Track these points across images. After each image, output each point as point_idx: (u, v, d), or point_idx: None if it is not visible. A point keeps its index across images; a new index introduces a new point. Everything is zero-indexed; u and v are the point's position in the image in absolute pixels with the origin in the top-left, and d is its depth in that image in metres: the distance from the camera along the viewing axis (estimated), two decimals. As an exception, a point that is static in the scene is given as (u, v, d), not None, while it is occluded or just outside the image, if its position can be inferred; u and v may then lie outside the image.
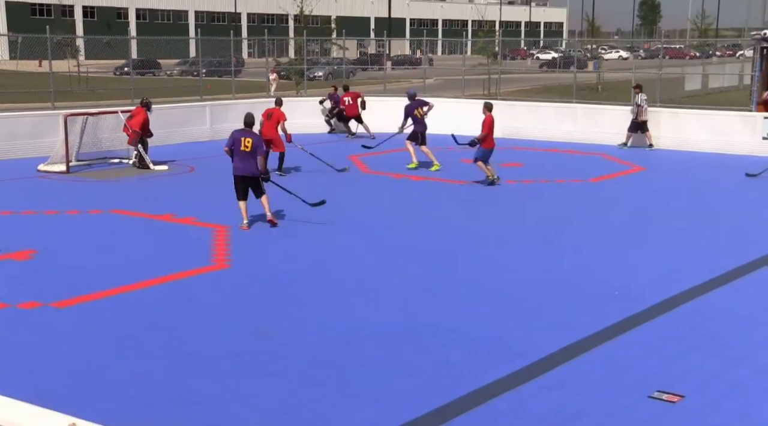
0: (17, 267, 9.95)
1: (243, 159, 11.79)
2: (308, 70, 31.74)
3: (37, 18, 69.92)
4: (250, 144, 11.76)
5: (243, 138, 11.79)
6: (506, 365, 6.95)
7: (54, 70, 22.13)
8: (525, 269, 10.05)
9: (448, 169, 17.64)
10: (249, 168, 11.84)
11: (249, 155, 11.77)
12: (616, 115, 22.01)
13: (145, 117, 17.22)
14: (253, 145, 11.77)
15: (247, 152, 11.76)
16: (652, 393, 6.39)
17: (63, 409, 3.29)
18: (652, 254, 10.86)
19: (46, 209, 13.14)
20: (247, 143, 11.74)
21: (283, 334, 7.71)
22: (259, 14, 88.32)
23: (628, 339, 7.69)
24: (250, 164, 11.81)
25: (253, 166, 11.83)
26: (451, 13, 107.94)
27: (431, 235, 11.90)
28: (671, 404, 6.23)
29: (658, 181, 16.87)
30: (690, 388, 6.49)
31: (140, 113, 17.28)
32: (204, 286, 9.27)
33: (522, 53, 77.29)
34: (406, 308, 8.51)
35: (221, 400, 6.24)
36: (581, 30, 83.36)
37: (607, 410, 6.15)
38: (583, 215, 13.40)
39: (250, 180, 11.91)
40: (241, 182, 11.90)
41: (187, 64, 45.49)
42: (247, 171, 11.84)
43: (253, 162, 11.80)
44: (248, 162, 11.80)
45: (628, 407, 6.19)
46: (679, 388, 6.47)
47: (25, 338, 7.54)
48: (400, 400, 6.27)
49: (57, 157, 17.02)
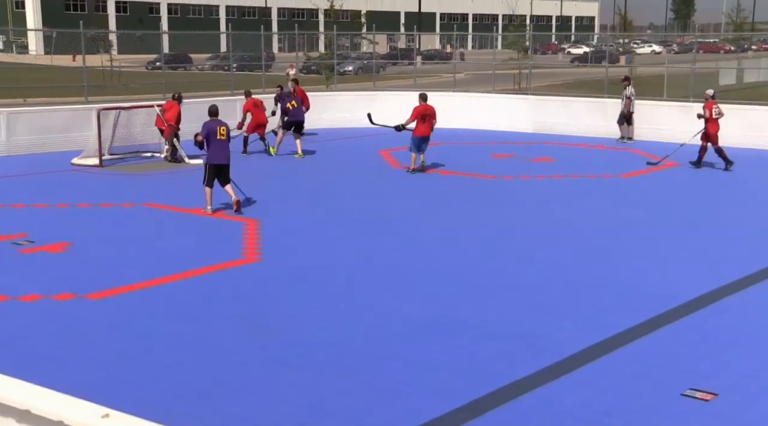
0: (52, 259, 10.08)
1: (221, 147, 12.39)
2: (338, 64, 31.76)
3: (71, 13, 70.78)
4: (225, 132, 12.44)
5: (218, 127, 12.37)
6: (536, 361, 6.91)
7: (87, 64, 22.37)
8: (555, 265, 9.98)
9: (477, 164, 17.57)
10: (225, 156, 12.47)
11: (225, 143, 12.44)
12: (647, 110, 21.77)
13: (178, 110, 17.35)
14: (227, 133, 12.49)
15: (223, 140, 12.41)
16: (685, 391, 6.32)
17: (96, 399, 3.32)
18: (685, 250, 10.73)
19: (80, 202, 13.30)
20: (222, 132, 12.40)
21: (312, 328, 7.73)
22: (290, 9, 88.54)
23: (661, 336, 7.61)
24: (226, 152, 12.48)
25: (228, 153, 12.50)
26: (482, 7, 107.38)
27: (460, 229, 11.86)
28: (704, 402, 6.16)
29: (691, 177, 16.67)
30: (723, 387, 6.40)
31: (173, 107, 17.40)
32: (235, 280, 9.32)
33: (553, 48, 76.75)
34: (436, 303, 8.50)
35: (250, 392, 6.28)
36: (613, 24, 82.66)
37: (638, 407, 6.09)
38: (614, 211, 13.28)
39: (226, 167, 12.50)
40: (218, 170, 12.41)
41: (218, 58, 45.74)
42: (224, 159, 12.45)
43: (227, 150, 12.48)
44: (224, 150, 12.46)
45: (659, 405, 6.13)
46: (713, 386, 6.39)
47: (59, 329, 7.64)
48: (430, 395, 6.26)
49: (90, 151, 17.20)
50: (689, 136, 17.35)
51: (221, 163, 12.37)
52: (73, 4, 75.66)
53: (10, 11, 73.03)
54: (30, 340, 7.37)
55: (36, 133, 18.44)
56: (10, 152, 17.91)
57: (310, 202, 13.88)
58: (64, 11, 72.31)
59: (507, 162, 18.21)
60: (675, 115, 21.67)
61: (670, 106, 22.53)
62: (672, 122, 21.35)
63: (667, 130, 21.13)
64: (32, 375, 3.97)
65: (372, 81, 28.58)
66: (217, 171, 12.38)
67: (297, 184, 15.59)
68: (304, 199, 14.06)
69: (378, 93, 25.45)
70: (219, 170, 12.39)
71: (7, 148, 17.95)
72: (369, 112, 18.20)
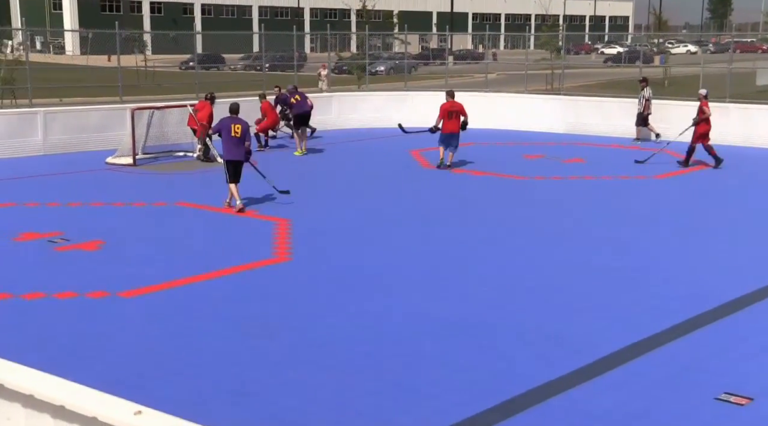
0: (86, 257, 10.20)
1: (233, 144, 12.53)
2: (370, 64, 31.79)
3: (107, 14, 71.60)
4: (239, 130, 12.50)
5: (233, 124, 12.51)
6: (567, 363, 6.86)
7: (122, 65, 22.62)
8: (587, 266, 9.91)
9: (508, 164, 17.49)
10: (238, 153, 12.56)
11: (238, 141, 12.52)
12: (682, 110, 21.47)
13: (210, 110, 17.47)
14: (242, 132, 12.53)
15: (237, 138, 12.49)
16: (719, 395, 6.23)
17: (129, 396, 3.36)
18: (720, 253, 10.59)
19: (114, 201, 13.45)
20: (236, 129, 12.49)
21: (343, 328, 7.74)
22: (322, 9, 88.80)
23: (694, 339, 7.52)
24: (240, 149, 12.56)
25: (242, 151, 12.58)
26: (514, 7, 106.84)
27: (490, 229, 11.82)
28: (739, 407, 6.07)
29: (726, 179, 16.45)
30: (759, 391, 6.31)
31: (205, 107, 17.52)
32: (265, 279, 9.37)
33: (586, 48, 76.07)
34: (467, 303, 8.47)
35: (280, 392, 6.30)
36: (648, 24, 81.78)
37: (671, 411, 6.02)
38: (648, 213, 13.15)
39: (240, 164, 12.65)
40: (233, 166, 12.58)
41: (250, 58, 45.95)
42: (237, 156, 12.55)
43: (242, 147, 12.54)
44: (238, 147, 12.55)
45: (693, 409, 6.06)
46: (748, 391, 6.30)
47: (93, 327, 7.73)
48: (459, 396, 6.24)
49: (124, 150, 17.39)
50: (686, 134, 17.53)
51: (232, 159, 12.57)
52: (109, 5, 76.57)
53: (48, 12, 74.10)
54: (65, 337, 7.47)
55: (71, 132, 18.68)
56: (46, 151, 18.16)
57: (341, 201, 13.91)
58: (100, 12, 73.22)
59: (538, 163, 18.11)
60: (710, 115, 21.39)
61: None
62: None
63: (701, 130, 20.86)
64: (67, 372, 4.02)
65: (403, 81, 28.57)
66: (233, 167, 12.56)
67: (327, 184, 15.63)
68: (335, 199, 14.09)
69: (409, 93, 25.43)
70: (234, 166, 12.56)
71: (44, 148, 18.21)
72: (399, 122, 18.37)
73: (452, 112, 16.49)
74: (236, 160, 12.56)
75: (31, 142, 18.15)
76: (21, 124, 18.17)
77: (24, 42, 22.66)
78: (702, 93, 17.83)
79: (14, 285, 8.85)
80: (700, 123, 17.12)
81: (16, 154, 17.68)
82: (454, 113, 16.49)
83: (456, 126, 16.51)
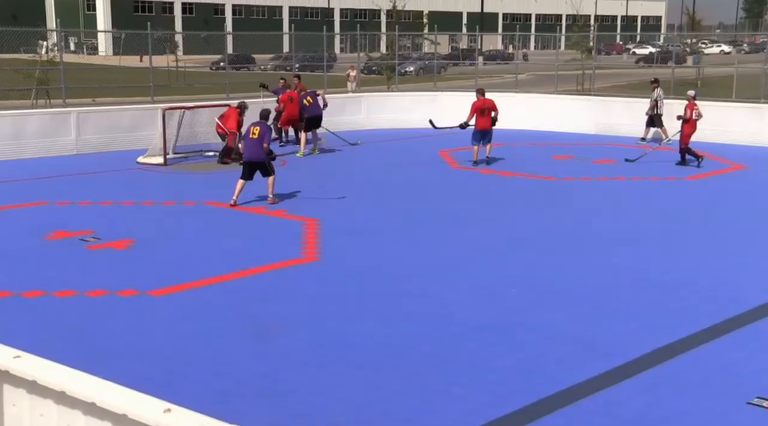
0: (116, 256, 10.31)
1: (250, 146, 13.09)
2: (399, 65, 31.78)
3: (140, 15, 72.37)
4: (257, 132, 12.96)
5: (252, 127, 13.13)
6: (596, 365, 6.80)
7: (153, 65, 22.83)
8: (617, 268, 9.82)
9: (537, 165, 17.39)
10: (255, 154, 13.01)
11: (256, 142, 12.94)
12: (716, 111, 21.24)
13: (237, 119, 17.18)
14: (260, 134, 12.96)
15: (255, 139, 12.94)
16: (752, 399, 6.15)
17: (158, 394, 3.38)
18: (752, 255, 10.46)
19: (144, 200, 13.57)
20: (254, 131, 12.98)
21: (371, 328, 7.75)
22: (352, 9, 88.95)
23: (726, 342, 7.42)
24: (256, 150, 12.98)
25: (259, 152, 12.97)
26: (545, 7, 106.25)
27: (520, 230, 11.77)
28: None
29: (760, 180, 16.23)
30: (791, 396, 6.22)
31: (233, 114, 17.27)
32: (293, 279, 9.40)
33: (617, 48, 75.44)
34: (495, 305, 8.44)
35: (307, 391, 6.32)
36: (681, 24, 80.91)
37: (701, 415, 5.95)
38: (679, 214, 13.01)
39: (257, 165, 13.07)
40: (248, 166, 13.12)
41: (280, 58, 46.18)
42: (253, 156, 13.03)
43: (259, 148, 12.95)
44: (254, 148, 13.01)
45: (724, 413, 5.98)
46: (780, 396, 6.21)
47: (123, 325, 7.81)
48: (488, 397, 6.22)
49: (155, 150, 17.53)
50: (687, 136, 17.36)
51: (247, 159, 13.11)
52: (141, 6, 77.33)
53: (82, 13, 75.02)
54: (95, 334, 7.55)
55: (104, 132, 18.88)
56: (79, 151, 18.37)
57: (370, 201, 13.92)
58: (133, 13, 73.97)
59: (568, 163, 17.99)
60: (744, 116, 21.15)
61: (738, 107, 21.97)
62: (741, 124, 20.83)
63: (735, 132, 20.63)
64: (98, 369, 4.06)
65: (433, 81, 28.53)
66: (248, 167, 13.09)
67: (356, 184, 15.64)
68: (364, 199, 14.10)
69: (438, 93, 25.39)
70: (250, 166, 13.08)
71: (77, 147, 18.42)
72: (430, 118, 18.37)
73: (484, 109, 16.95)
74: (251, 161, 13.03)
75: (64, 141, 18.37)
76: (54, 123, 18.40)
77: (58, 43, 22.90)
78: (690, 94, 17.86)
79: (46, 283, 8.96)
80: (685, 124, 17.06)
81: (50, 153, 17.91)
82: (486, 110, 16.96)
83: (489, 123, 16.99)
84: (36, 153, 17.78)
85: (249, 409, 5.99)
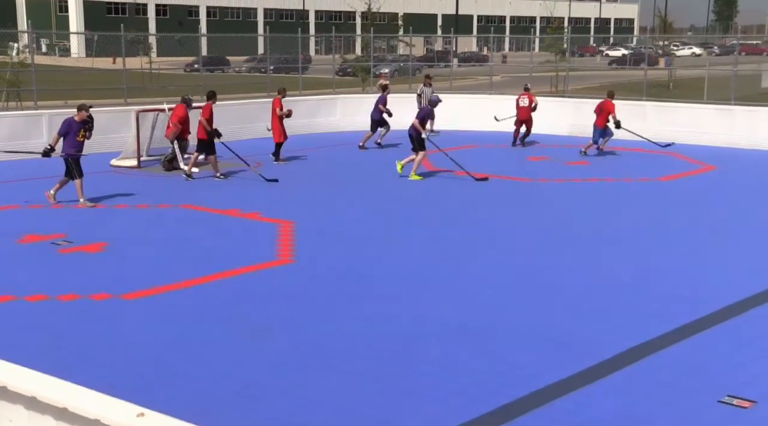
0: (89, 259, 10.22)
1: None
2: (374, 67, 31.81)
3: (113, 16, 71.81)
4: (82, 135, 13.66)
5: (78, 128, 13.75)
6: (570, 366, 6.85)
7: (127, 67, 22.66)
8: (590, 268, 9.90)
9: (512, 167, 17.47)
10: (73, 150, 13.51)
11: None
12: (688, 113, 21.48)
13: (184, 113, 16.49)
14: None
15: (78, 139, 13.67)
16: (723, 397, 6.23)
17: (132, 399, 3.37)
18: (723, 256, 10.58)
19: (118, 203, 13.47)
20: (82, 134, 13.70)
21: (346, 330, 7.74)
22: (327, 11, 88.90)
23: (697, 342, 7.51)
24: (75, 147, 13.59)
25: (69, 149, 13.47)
26: (520, 9, 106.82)
27: (494, 232, 11.82)
28: (742, 409, 6.06)
29: (730, 181, 16.43)
30: (763, 394, 6.30)
31: (180, 109, 16.56)
32: (268, 281, 9.38)
33: (591, 50, 76.03)
34: (469, 306, 8.47)
35: (282, 394, 6.31)
36: (653, 26, 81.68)
37: (674, 414, 6.01)
38: (652, 215, 13.14)
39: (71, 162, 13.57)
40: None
41: (255, 61, 46.05)
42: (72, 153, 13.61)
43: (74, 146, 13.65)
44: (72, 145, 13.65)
45: (696, 411, 6.05)
46: (751, 394, 6.29)
47: (96, 329, 7.74)
48: (461, 399, 6.24)
49: (129, 153, 17.41)
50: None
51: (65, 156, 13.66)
52: (114, 7, 76.76)
53: (54, 15, 74.31)
54: (68, 339, 7.49)
55: (76, 134, 18.66)
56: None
57: (345, 203, 13.91)
58: (105, 14, 73.40)
59: (542, 165, 18.10)
60: (715, 117, 21.39)
61: (709, 108, 22.21)
62: (712, 125, 21.07)
63: (706, 133, 20.85)
64: (70, 374, 4.03)
65: (408, 83, 28.56)
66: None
67: (331, 186, 15.62)
68: (339, 201, 14.09)
69: (413, 95, 25.38)
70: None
71: (49, 150, 18.19)
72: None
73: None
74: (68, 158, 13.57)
75: (36, 144, 18.10)
76: (26, 126, 18.21)
77: (30, 44, 22.67)
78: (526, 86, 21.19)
79: (18, 287, 8.87)
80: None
81: (21, 156, 17.68)
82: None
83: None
84: (7, 155, 17.56)
85: (224, 413, 5.96)
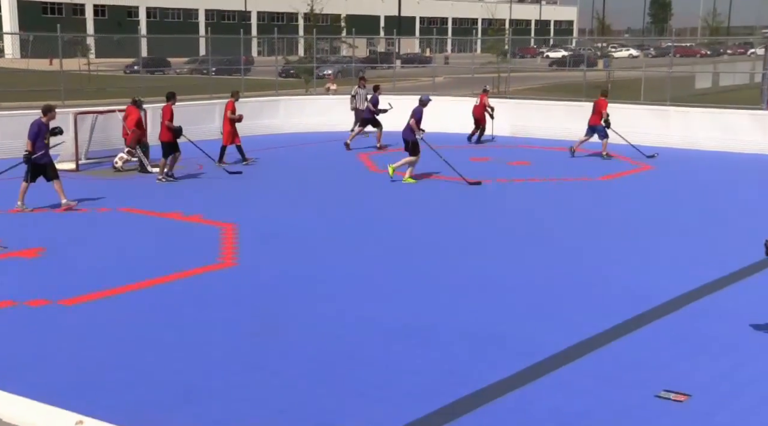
0: (25, 265, 10.00)
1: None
2: (317, 68, 31.74)
3: (49, 17, 70.27)
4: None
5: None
6: (512, 364, 6.94)
7: (64, 68, 22.22)
8: (531, 267, 10.04)
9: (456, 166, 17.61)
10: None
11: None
12: (627, 113, 21.92)
13: (138, 116, 16.83)
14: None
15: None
16: (659, 392, 6.38)
17: (70, 406, 3.32)
18: (659, 253, 10.83)
19: (55, 207, 13.20)
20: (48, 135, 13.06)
21: (289, 333, 7.72)
22: (269, 12, 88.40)
23: (635, 338, 7.67)
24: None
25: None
26: (461, 11, 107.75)
27: (437, 232, 11.90)
28: (678, 403, 6.22)
29: (666, 180, 16.82)
30: (697, 387, 6.47)
31: (133, 112, 16.90)
32: (211, 285, 9.29)
33: (532, 51, 77.12)
34: (412, 307, 8.51)
35: (227, 397, 6.26)
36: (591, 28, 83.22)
37: (613, 409, 6.14)
38: (591, 214, 13.38)
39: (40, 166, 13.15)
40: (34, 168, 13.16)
41: (196, 62, 45.57)
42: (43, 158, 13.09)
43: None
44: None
45: (634, 406, 6.18)
46: (686, 388, 6.46)
47: (32, 336, 7.57)
48: (406, 399, 6.27)
49: (67, 155, 17.06)
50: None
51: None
52: (50, 7, 75.13)
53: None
54: (2, 347, 7.30)
55: (11, 137, 18.19)
56: (-15, 157, 17.70)
57: (289, 206, 13.85)
58: (41, 14, 71.82)
59: (484, 165, 18.29)
60: (651, 118, 21.89)
61: (645, 109, 22.72)
62: (648, 125, 21.55)
63: (643, 133, 21.30)
64: (5, 383, 3.95)
65: (351, 85, 28.56)
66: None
67: (275, 189, 15.56)
68: (283, 204, 14.04)
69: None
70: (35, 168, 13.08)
71: (-18, 153, 17.75)
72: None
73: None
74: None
75: (-31, 147, 17.69)
76: (-42, 129, 17.70)
77: (-39, 45, 22.12)
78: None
79: (-49, 294, 8.63)
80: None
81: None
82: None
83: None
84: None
85: (164, 418, 5.89)
